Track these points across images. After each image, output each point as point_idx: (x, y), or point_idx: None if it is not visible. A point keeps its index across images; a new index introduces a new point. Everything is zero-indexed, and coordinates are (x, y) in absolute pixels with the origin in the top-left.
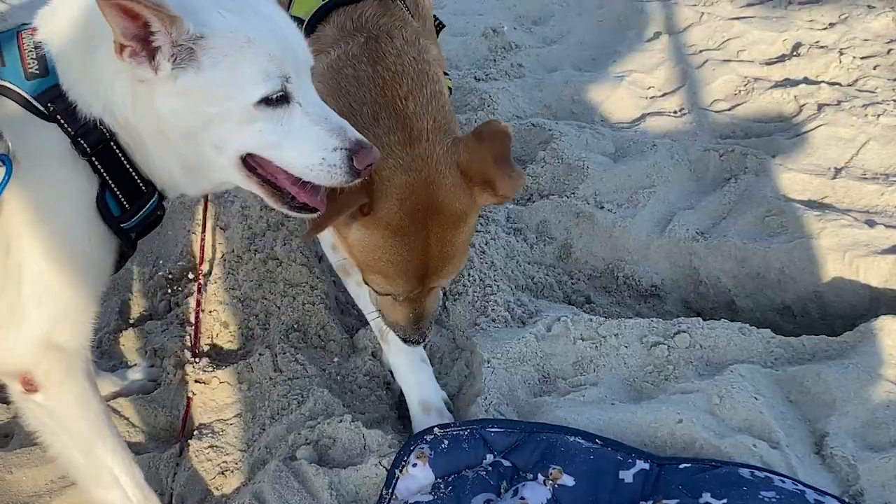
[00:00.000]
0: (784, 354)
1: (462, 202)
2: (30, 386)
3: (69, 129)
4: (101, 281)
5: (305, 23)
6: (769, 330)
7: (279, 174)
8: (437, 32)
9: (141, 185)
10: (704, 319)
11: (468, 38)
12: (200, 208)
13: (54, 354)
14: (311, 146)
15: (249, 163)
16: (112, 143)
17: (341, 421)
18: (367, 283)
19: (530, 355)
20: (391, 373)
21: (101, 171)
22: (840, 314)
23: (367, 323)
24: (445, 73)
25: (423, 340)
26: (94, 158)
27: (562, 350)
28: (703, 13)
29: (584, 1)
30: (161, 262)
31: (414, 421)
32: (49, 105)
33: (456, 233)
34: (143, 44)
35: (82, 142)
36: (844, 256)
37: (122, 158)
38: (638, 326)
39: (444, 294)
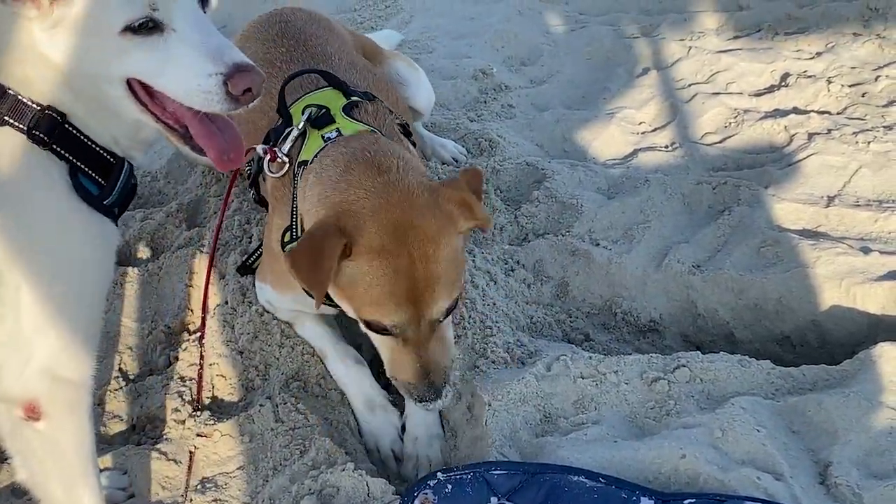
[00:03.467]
0: (784, 385)
1: (439, 219)
2: (33, 413)
3: (21, 126)
4: (104, 287)
5: (309, 162)
6: (769, 361)
7: (181, 108)
8: None
9: (107, 156)
10: (704, 353)
11: (458, 80)
12: (197, 262)
13: (62, 385)
14: (186, 72)
15: (140, 96)
16: (66, 124)
17: (344, 469)
18: (367, 329)
19: (531, 396)
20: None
21: (66, 155)
22: (839, 342)
23: None
24: None
25: (438, 397)
26: (54, 146)
27: (562, 389)
28: (690, 47)
29: (572, 40)
30: (159, 316)
31: (361, 421)
32: None
33: (438, 248)
34: None
35: (39, 133)
36: (841, 284)
37: (81, 135)
38: (638, 362)
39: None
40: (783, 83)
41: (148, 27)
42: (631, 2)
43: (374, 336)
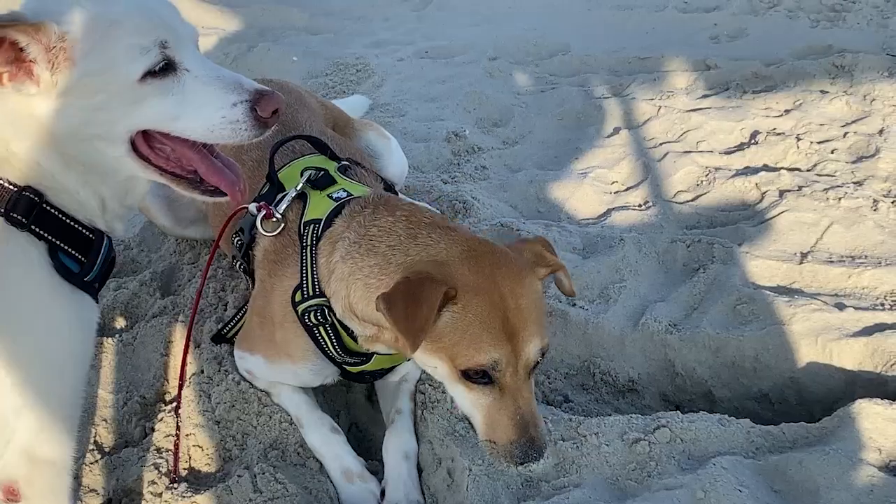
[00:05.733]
0: (765, 444)
1: (519, 262)
2: (12, 496)
3: None
4: (84, 365)
5: (322, 222)
6: (748, 419)
7: (187, 153)
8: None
9: (87, 233)
10: (683, 412)
11: (431, 143)
12: (172, 331)
13: (41, 467)
14: (209, 107)
15: (142, 151)
16: (44, 204)
17: None
18: (463, 386)
19: None
20: None
21: (45, 235)
22: (817, 398)
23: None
24: None
25: (541, 456)
26: (33, 226)
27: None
28: (660, 107)
29: (544, 101)
30: (134, 387)
31: (340, 491)
32: None
33: (525, 286)
34: (17, 63)
35: (16, 215)
36: (817, 341)
37: (59, 213)
38: (618, 423)
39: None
40: (753, 141)
41: (163, 69)
42: (600, 62)
43: (467, 398)
